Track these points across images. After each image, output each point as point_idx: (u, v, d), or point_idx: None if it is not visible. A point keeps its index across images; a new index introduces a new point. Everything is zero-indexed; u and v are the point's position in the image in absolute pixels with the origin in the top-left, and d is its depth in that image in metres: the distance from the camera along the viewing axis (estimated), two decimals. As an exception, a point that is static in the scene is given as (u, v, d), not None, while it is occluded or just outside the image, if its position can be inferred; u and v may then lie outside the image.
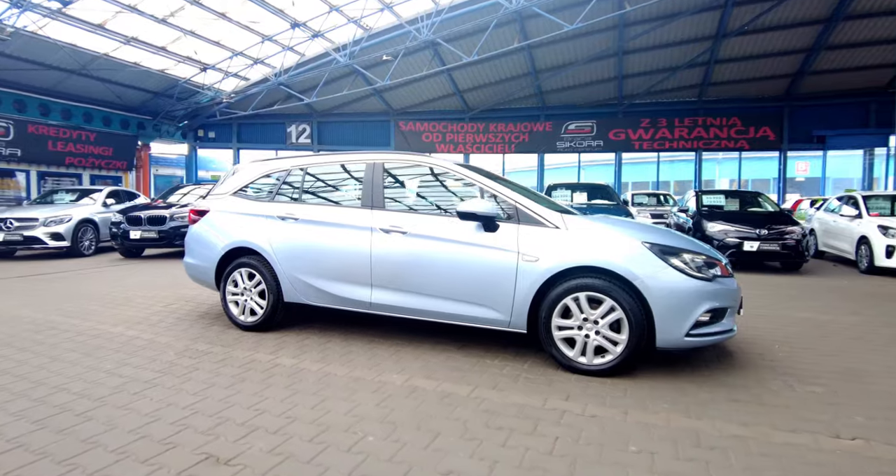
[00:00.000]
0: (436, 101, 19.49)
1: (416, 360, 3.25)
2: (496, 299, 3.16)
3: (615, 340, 2.95)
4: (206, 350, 3.44)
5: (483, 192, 3.36)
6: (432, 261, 3.31)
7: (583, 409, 2.55)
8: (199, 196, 10.72)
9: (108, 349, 3.46)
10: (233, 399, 2.61)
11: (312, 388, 2.79)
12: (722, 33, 14.79)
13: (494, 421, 2.39)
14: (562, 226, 3.11)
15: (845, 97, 17.08)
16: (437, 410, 2.50)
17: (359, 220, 3.55)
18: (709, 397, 2.72)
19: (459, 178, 3.52)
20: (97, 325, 4.14)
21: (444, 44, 14.22)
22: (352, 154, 3.98)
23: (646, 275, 2.89)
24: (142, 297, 5.30)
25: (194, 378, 2.90)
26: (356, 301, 3.56)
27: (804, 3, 13.33)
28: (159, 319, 4.34)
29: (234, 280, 3.97)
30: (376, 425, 2.32)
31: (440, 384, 2.85)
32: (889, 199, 8.98)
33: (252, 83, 16.64)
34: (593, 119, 19.42)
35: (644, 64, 16.84)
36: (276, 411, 2.46)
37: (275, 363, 3.19)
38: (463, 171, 3.50)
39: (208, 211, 4.23)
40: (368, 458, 2.03)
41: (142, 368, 3.06)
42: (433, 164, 3.64)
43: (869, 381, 2.99)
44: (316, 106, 19.02)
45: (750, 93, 17.87)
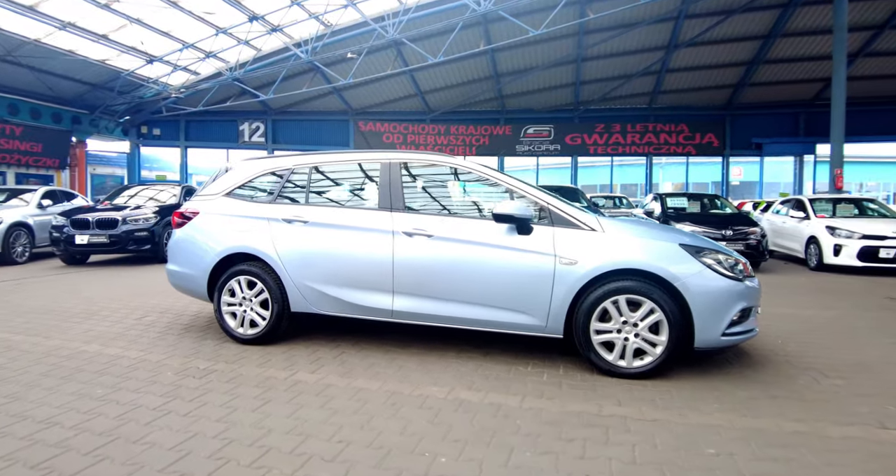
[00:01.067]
0: (397, 102, 19.24)
1: (446, 371, 3.08)
2: (531, 304, 3.05)
3: (654, 342, 2.92)
4: (209, 368, 3.09)
5: (512, 194, 3.25)
6: (462, 265, 3.15)
7: (641, 413, 2.49)
8: (149, 198, 9.97)
9: (90, 372, 3.02)
10: (265, 424, 2.33)
11: (350, 406, 2.55)
12: (674, 44, 15.60)
13: (563, 432, 2.27)
14: (598, 228, 3.05)
15: (779, 108, 18.50)
16: (497, 424, 2.35)
17: (378, 223, 3.33)
18: (749, 395, 2.75)
19: (484, 178, 3.38)
20: (66, 343, 3.64)
21: (409, 43, 14.03)
22: (363, 153, 3.75)
23: (685, 276, 2.89)
24: (107, 310, 4.76)
25: (210, 401, 2.58)
26: (376, 309, 3.33)
27: (747, 19, 14.30)
28: (138, 334, 3.89)
29: (230, 289, 3.61)
30: (441, 444, 2.14)
31: (486, 395, 2.69)
32: (831, 201, 9.75)
33: (203, 78, 15.67)
34: (551, 124, 19.91)
35: (601, 71, 17.45)
36: (322, 435, 2.22)
37: (295, 380, 2.91)
38: (488, 171, 3.37)
39: (196, 213, 3.83)
40: (449, 484, 1.85)
41: (142, 393, 2.69)
42: (455, 164, 3.48)
43: (879, 372, 3.14)
44: (271, 103, 18.22)
45: (696, 101, 18.95)
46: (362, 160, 3.70)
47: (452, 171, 3.50)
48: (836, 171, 11.27)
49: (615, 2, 12.95)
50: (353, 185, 3.73)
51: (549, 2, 12.95)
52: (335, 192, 3.72)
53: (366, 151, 3.76)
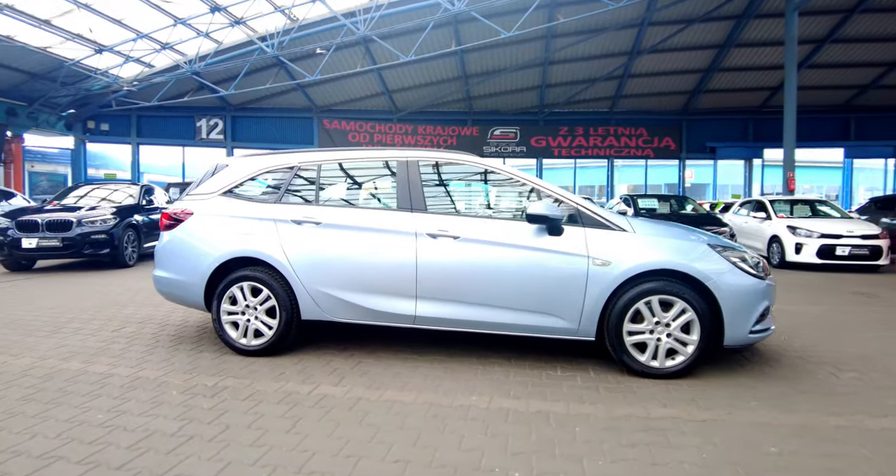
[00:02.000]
0: (363, 100, 18.87)
1: (476, 378, 2.94)
2: (564, 306, 2.97)
3: (685, 342, 2.92)
4: (217, 385, 2.81)
5: (539, 194, 3.16)
6: (491, 268, 3.03)
7: (689, 414, 2.46)
8: (103, 198, 9.26)
9: (79, 394, 2.67)
10: (306, 446, 2.11)
11: (391, 420, 2.37)
12: (637, 50, 16.13)
13: (622, 438, 2.19)
14: (628, 229, 3.02)
15: (731, 114, 19.54)
16: (553, 433, 2.24)
17: (400, 225, 3.15)
18: (780, 391, 2.79)
19: (507, 178, 3.28)
20: (39, 361, 3.23)
21: (379, 41, 13.76)
22: (375, 151, 3.56)
23: (716, 275, 2.90)
24: (77, 321, 4.30)
25: (233, 423, 2.32)
26: (398, 315, 3.15)
27: (705, 28, 15.00)
28: (122, 348, 3.52)
29: (231, 297, 3.32)
30: (506, 459, 2.01)
31: (528, 403, 2.58)
32: (789, 203, 10.35)
33: (158, 70, 14.72)
34: (517, 126, 20.14)
35: (566, 75, 17.81)
36: (373, 455, 2.04)
37: (320, 394, 2.69)
38: (511, 170, 3.28)
39: (190, 214, 3.51)
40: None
41: (151, 416, 2.39)
42: (476, 163, 3.35)
43: (885, 364, 3.28)
44: (231, 99, 17.40)
45: (655, 106, 19.69)
46: (376, 158, 3.51)
47: (473, 169, 3.38)
48: (788, 174, 11.99)
49: (584, 7, 13.24)
50: (367, 185, 3.53)
51: (520, 4, 13.05)
52: (347, 191, 3.51)
53: (379, 149, 3.57)
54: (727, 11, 14.19)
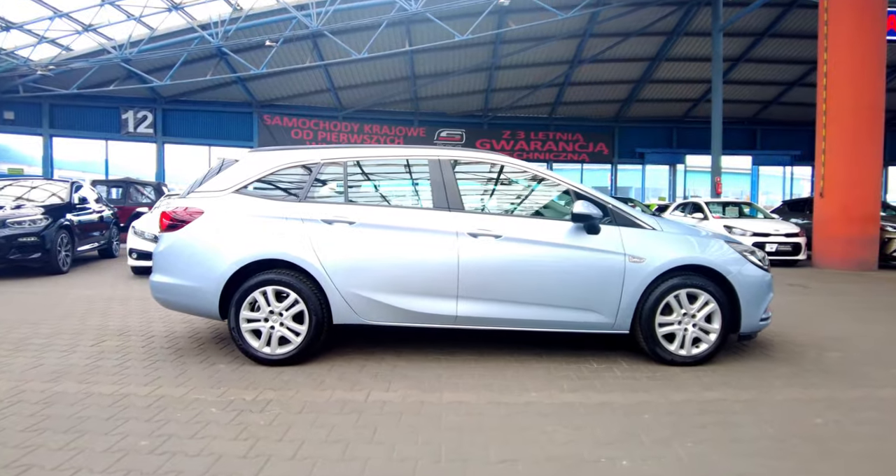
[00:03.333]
0: (307, 96, 18.22)
1: (522, 375, 2.98)
2: (602, 302, 3.11)
3: (708, 330, 3.17)
4: (258, 399, 2.59)
5: (572, 193, 3.27)
6: (533, 266, 3.09)
7: (734, 396, 2.68)
8: (20, 196, 8.22)
9: (99, 419, 2.33)
10: (401, 454, 2.05)
11: (469, 422, 2.35)
12: (578, 59, 17.01)
13: (691, 421, 2.35)
14: (657, 227, 3.22)
15: (657, 122, 21.16)
16: (631, 423, 2.35)
17: (440, 224, 3.12)
18: (790, 371, 3.11)
19: (540, 177, 3.36)
20: (20, 384, 2.79)
21: (330, 36, 13.36)
22: (401, 148, 3.48)
23: (736, 269, 3.17)
24: (38, 337, 3.79)
25: (305, 438, 2.16)
26: (439, 316, 3.11)
27: (640, 42, 16.14)
28: (116, 364, 3.15)
29: (252, 303, 3.09)
30: (606, 449, 2.08)
31: (587, 395, 2.68)
32: (721, 204, 11.44)
33: (79, 55, 13.21)
34: (462, 128, 20.44)
35: (512, 80, 18.35)
36: (475, 458, 2.02)
37: (378, 400, 2.60)
38: (543, 170, 3.36)
39: (200, 213, 3.23)
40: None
41: (206, 438, 2.15)
42: (507, 162, 3.40)
43: (855, 343, 3.76)
44: (162, 91, 16.03)
45: (591, 113, 20.85)
46: (404, 156, 3.45)
47: (505, 169, 3.43)
48: (716, 178, 13.24)
49: (534, 15, 13.74)
50: (397, 183, 3.46)
51: (474, 9, 13.29)
52: (378, 190, 3.40)
53: (404, 147, 3.50)
54: (660, 28, 15.38)
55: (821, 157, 8.88)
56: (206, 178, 3.39)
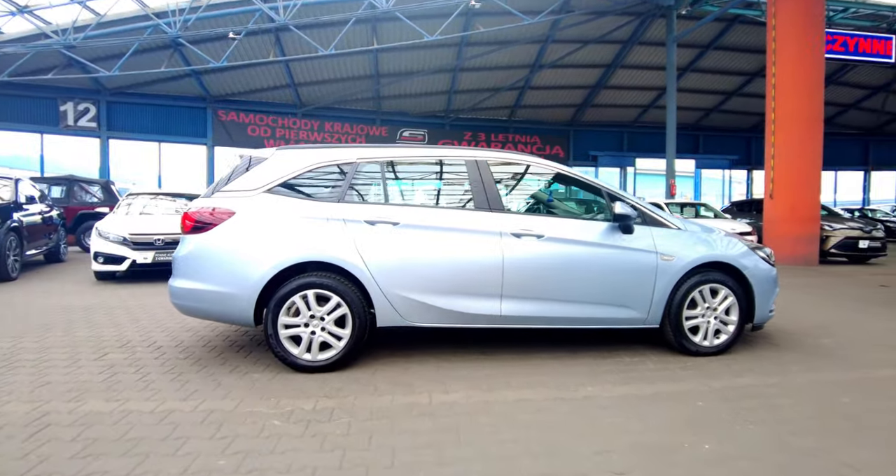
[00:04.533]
0: (264, 92, 17.52)
1: (568, 371, 3.09)
2: (637, 299, 3.27)
3: (727, 322, 3.41)
4: (318, 407, 2.50)
5: (602, 194, 3.41)
6: (574, 265, 3.20)
7: (761, 381, 2.95)
8: None
9: (155, 438, 2.16)
10: (501, 452, 2.08)
11: (546, 418, 2.43)
12: (539, 64, 17.48)
13: (741, 405, 2.55)
14: (681, 227, 3.42)
15: (609, 127, 22.13)
16: (690, 410, 2.50)
17: (483, 224, 3.15)
18: (797, 357, 3.43)
19: (573, 179, 3.48)
20: (40, 405, 2.54)
21: (295, 31, 12.94)
22: (436, 149, 3.49)
23: (751, 265, 3.44)
24: (26, 352, 3.49)
25: (395, 445, 2.13)
26: (484, 316, 3.14)
27: (598, 49, 16.84)
28: (138, 379, 2.93)
29: (290, 307, 2.99)
30: (682, 435, 2.22)
31: (639, 387, 2.82)
32: (679, 205, 12.19)
33: (12, 39, 11.97)
34: (424, 128, 20.43)
35: (474, 82, 18.56)
36: (568, 451, 2.09)
37: (446, 402, 2.60)
38: (575, 172, 3.48)
39: (231, 214, 3.07)
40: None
41: (288, 452, 2.06)
42: (542, 164, 3.49)
43: (841, 331, 4.15)
44: (106, 82, 14.85)
45: (548, 117, 21.46)
46: (440, 156, 3.45)
47: (539, 170, 3.51)
48: (670, 181, 14.07)
49: (501, 19, 14.00)
50: (435, 184, 3.45)
51: (443, 10, 13.35)
52: (416, 190, 3.38)
53: (439, 147, 3.50)
54: (617, 36, 16.13)
55: (770, 162, 9.68)
56: (233, 176, 3.23)
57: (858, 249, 9.73)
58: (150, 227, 7.01)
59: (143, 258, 6.73)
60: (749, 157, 23.11)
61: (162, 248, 6.85)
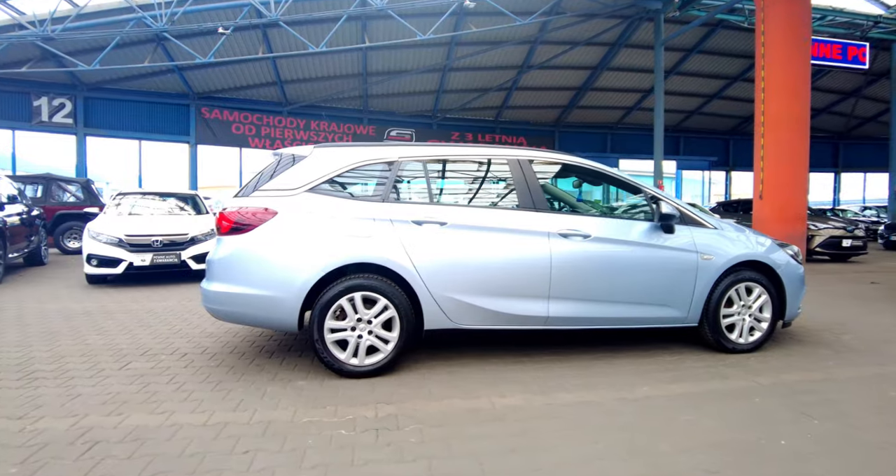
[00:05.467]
0: (250, 89, 17.14)
1: (616, 372, 3.06)
2: (678, 298, 3.29)
3: (761, 319, 3.48)
4: (380, 415, 2.40)
5: (650, 196, 3.42)
6: (620, 265, 3.20)
7: (807, 377, 2.99)
8: None
9: (220, 453, 2.03)
10: (589, 454, 2.05)
11: (613, 421, 2.41)
12: (527, 65, 17.59)
13: (801, 399, 2.59)
14: (718, 227, 3.47)
15: (594, 128, 22.45)
16: (751, 406, 2.53)
17: (531, 224, 3.12)
18: (828, 353, 3.50)
19: (613, 178, 3.48)
20: (79, 419, 2.38)
21: (286, 27, 12.68)
22: (479, 147, 3.44)
23: (783, 264, 3.51)
24: (39, 363, 3.31)
25: (481, 451, 2.10)
26: (531, 317, 3.11)
27: (586, 51, 17.05)
28: (176, 390, 2.79)
29: (337, 311, 2.90)
30: (754, 431, 2.23)
31: (694, 385, 2.84)
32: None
33: (-16, 29, 11.35)
34: (412, 128, 20.32)
35: (463, 82, 18.56)
36: (648, 451, 2.08)
37: (509, 406, 2.57)
38: (616, 172, 3.49)
39: (274, 214, 2.95)
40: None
41: (370, 464, 1.96)
42: (580, 163, 3.48)
43: (856, 327, 4.27)
44: (84, 76, 14.25)
45: (534, 118, 21.63)
46: (482, 155, 3.40)
47: (578, 169, 3.50)
48: (658, 181, 14.34)
49: (493, 19, 14.02)
50: (478, 183, 3.40)
51: (436, 9, 13.29)
52: (458, 190, 3.33)
53: (480, 146, 3.44)
54: (604, 39, 16.36)
55: (759, 163, 9.95)
56: (273, 174, 3.11)
57: (842, 248, 10.11)
58: (147, 227, 6.75)
59: (141, 261, 6.47)
60: (727, 159, 23.80)
61: (160, 249, 6.60)
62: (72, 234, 11.40)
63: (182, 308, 5.05)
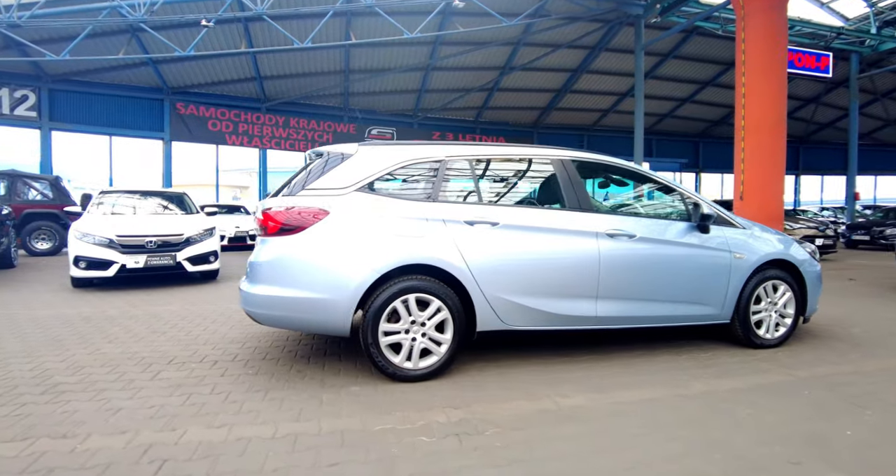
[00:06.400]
0: (227, 85, 16.61)
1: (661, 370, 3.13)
2: (714, 296, 3.40)
3: (785, 315, 3.63)
4: (452, 420, 2.38)
5: (679, 195, 3.52)
6: (663, 265, 3.28)
7: (837, 369, 3.15)
8: None
9: (303, 468, 1.95)
10: (674, 451, 2.09)
11: (677, 416, 2.47)
12: (510, 66, 17.74)
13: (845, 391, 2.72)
14: (747, 227, 3.60)
15: (571, 129, 22.85)
16: (802, 399, 2.63)
17: (581, 224, 3.15)
18: (849, 346, 3.68)
19: (650, 178, 3.56)
20: (134, 436, 2.34)
21: (270, 22, 12.35)
22: (523, 147, 3.44)
23: (805, 262, 3.68)
24: (60, 375, 3.14)
25: (571, 454, 2.12)
26: (580, 317, 3.14)
27: (567, 53, 17.33)
28: (223, 400, 2.70)
29: (391, 313, 2.84)
30: (813, 423, 2.33)
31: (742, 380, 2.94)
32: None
33: (-59, 15, 10.52)
34: (393, 127, 20.17)
35: (445, 82, 18.55)
36: (741, 442, 2.13)
37: (575, 406, 2.59)
38: (651, 172, 3.56)
39: (326, 214, 2.86)
40: None
41: (463, 470, 1.96)
42: (620, 164, 3.54)
43: (860, 321, 4.49)
44: (49, 67, 13.45)
45: (513, 119, 21.84)
46: (526, 155, 3.40)
47: (617, 169, 3.56)
48: (639, 182, 14.74)
49: (478, 20, 14.07)
50: (524, 183, 3.40)
51: (423, 7, 13.23)
52: (506, 189, 3.32)
53: (526, 147, 3.43)
54: (586, 42, 16.69)
55: (740, 165, 10.38)
56: (321, 173, 3.03)
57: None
58: (141, 228, 6.45)
59: (134, 263, 6.17)
60: (697, 161, 24.70)
61: (154, 251, 6.32)
62: (40, 235, 10.78)
63: (189, 313, 4.85)
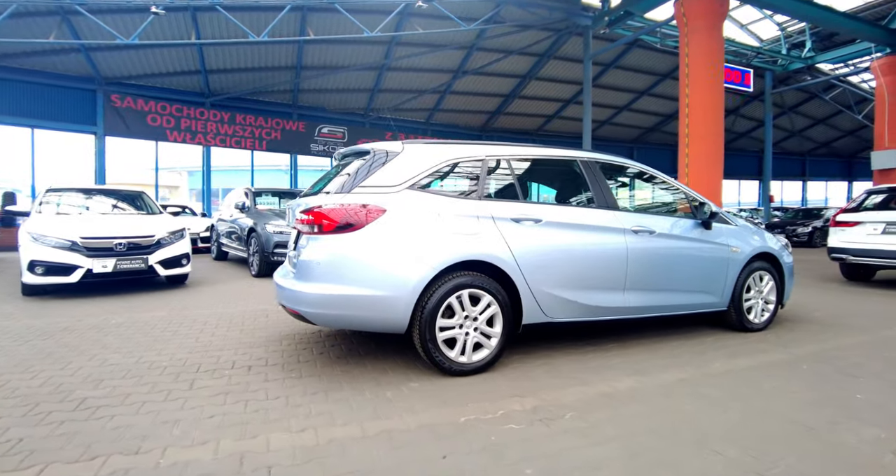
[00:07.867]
0: (168, 77, 15.57)
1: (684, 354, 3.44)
2: (715, 286, 3.80)
3: (769, 301, 4.13)
4: (528, 407, 2.50)
5: (688, 196, 3.88)
6: (678, 258, 3.62)
7: (823, 346, 3.60)
8: None
9: (415, 463, 2.04)
10: (733, 417, 2.37)
11: (719, 394, 2.77)
12: (462, 70, 18.08)
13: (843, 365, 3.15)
14: (738, 224, 4.05)
15: (518, 134, 23.57)
16: (813, 377, 3.04)
17: (611, 221, 3.41)
18: (820, 327, 4.22)
19: (659, 179, 3.90)
20: (216, 445, 2.26)
21: (222, 12, 11.78)
22: (554, 149, 3.61)
23: (783, 255, 4.20)
24: (82, 389, 2.94)
25: (657, 429, 2.32)
26: (612, 308, 3.39)
27: (518, 59, 17.96)
28: (289, 406, 2.65)
29: (447, 309, 2.92)
30: (829, 391, 2.72)
31: (751, 360, 3.31)
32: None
33: None
34: (344, 126, 19.85)
35: (399, 82, 18.55)
36: (784, 416, 2.46)
37: (628, 389, 2.82)
38: (660, 174, 3.90)
39: (382, 211, 2.88)
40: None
41: (569, 452, 2.08)
42: (637, 166, 3.85)
43: (818, 306, 5.15)
44: (-42, 49, 11.90)
45: (462, 122, 22.19)
46: (558, 156, 3.59)
47: (633, 171, 3.87)
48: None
49: (435, 22, 14.26)
50: (558, 182, 3.59)
51: (382, 6, 13.21)
52: (542, 188, 3.50)
53: (557, 148, 3.61)
54: (536, 49, 17.39)
55: (685, 170, 11.36)
56: (369, 171, 3.04)
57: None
58: (107, 229, 5.97)
59: (102, 267, 5.71)
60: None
61: (124, 254, 5.88)
62: (-44, 238, 9.55)
63: (185, 318, 4.60)
